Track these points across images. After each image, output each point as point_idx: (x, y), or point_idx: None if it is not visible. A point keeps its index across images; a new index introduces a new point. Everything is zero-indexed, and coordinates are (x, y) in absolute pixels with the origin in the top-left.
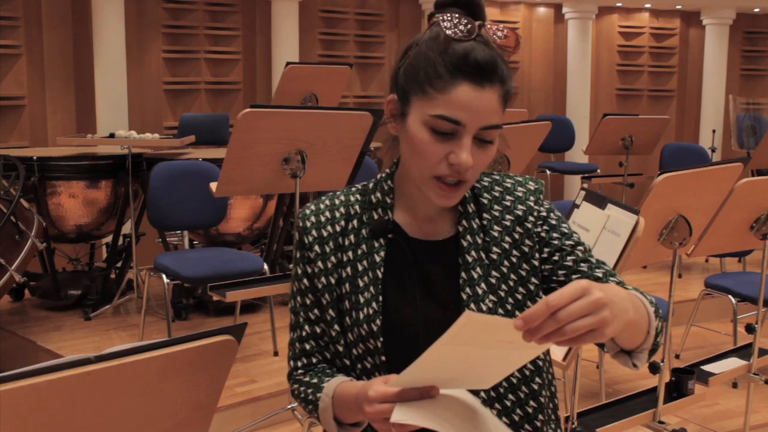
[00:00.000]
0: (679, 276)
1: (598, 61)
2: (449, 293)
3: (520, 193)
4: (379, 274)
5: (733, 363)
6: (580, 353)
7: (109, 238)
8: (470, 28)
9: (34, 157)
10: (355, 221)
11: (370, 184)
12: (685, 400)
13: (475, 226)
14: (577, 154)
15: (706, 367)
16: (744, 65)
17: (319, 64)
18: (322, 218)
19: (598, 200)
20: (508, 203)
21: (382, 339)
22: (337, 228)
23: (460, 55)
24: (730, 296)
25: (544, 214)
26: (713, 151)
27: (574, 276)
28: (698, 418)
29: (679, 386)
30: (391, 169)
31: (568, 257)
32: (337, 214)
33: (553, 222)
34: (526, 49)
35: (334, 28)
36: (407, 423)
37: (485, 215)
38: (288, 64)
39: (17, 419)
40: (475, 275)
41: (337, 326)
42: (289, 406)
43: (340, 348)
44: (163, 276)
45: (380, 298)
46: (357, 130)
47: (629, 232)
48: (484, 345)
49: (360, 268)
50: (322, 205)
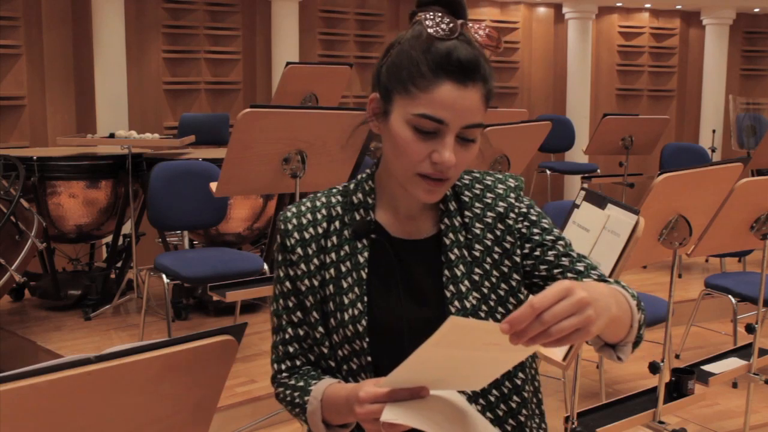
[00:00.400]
0: (679, 276)
1: (598, 61)
2: (433, 291)
3: (501, 190)
4: (363, 275)
5: (733, 363)
6: (580, 353)
7: (109, 238)
8: (452, 26)
9: (34, 157)
10: (337, 222)
11: (351, 185)
12: (685, 400)
13: (457, 224)
14: (577, 154)
15: (706, 367)
16: (744, 65)
17: (319, 64)
18: (304, 220)
19: (598, 200)
20: (489, 200)
21: (367, 339)
22: (319, 230)
23: (443, 54)
24: (730, 296)
25: (525, 210)
26: (713, 151)
27: (555, 270)
28: (698, 418)
29: (679, 386)
30: (372, 170)
31: (550, 252)
32: (319, 216)
33: (534, 218)
34: (526, 49)
35: (334, 28)
36: (397, 422)
37: (467, 213)
38: (288, 64)
39: (17, 419)
40: (458, 273)
41: (321, 328)
42: None
43: (325, 350)
44: (163, 276)
45: (365, 298)
46: (357, 130)
47: (629, 232)
48: (471, 347)
49: (343, 269)
50: (303, 207)
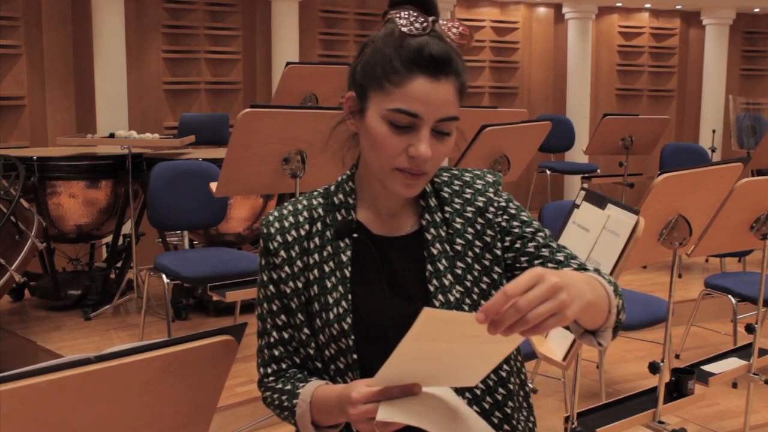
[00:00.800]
0: (679, 276)
1: (598, 61)
2: (416, 286)
3: (480, 186)
4: (347, 273)
5: (733, 363)
6: (580, 353)
7: (109, 238)
8: (424, 23)
9: (34, 157)
10: (319, 224)
11: (332, 187)
12: (685, 400)
13: (438, 220)
14: (577, 154)
15: (706, 367)
16: (744, 65)
17: (319, 64)
18: (286, 223)
19: (598, 200)
20: (469, 196)
21: (353, 337)
22: (302, 232)
23: (415, 49)
24: (730, 296)
25: (504, 204)
26: (713, 151)
27: (536, 261)
28: (698, 418)
29: (679, 386)
30: (352, 171)
31: (530, 244)
32: (301, 219)
33: (513, 211)
34: (526, 49)
35: (334, 28)
36: (392, 421)
37: (447, 208)
38: (288, 64)
39: (17, 419)
40: (441, 267)
41: (307, 329)
42: None
43: (311, 351)
44: (163, 276)
45: (349, 296)
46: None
47: (629, 232)
48: (451, 340)
49: (327, 269)
50: (285, 211)
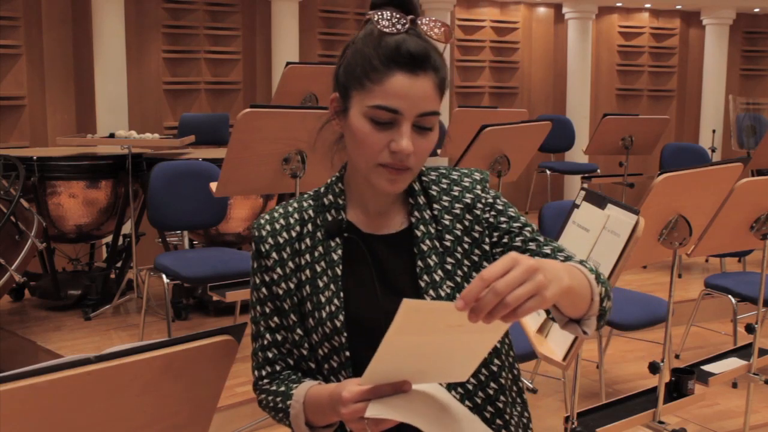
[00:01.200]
0: (679, 276)
1: (598, 61)
2: (408, 283)
3: (467, 183)
4: (338, 272)
5: (733, 363)
6: (580, 353)
7: (109, 238)
8: (402, 22)
9: (34, 157)
10: (310, 225)
11: (322, 189)
12: (685, 400)
13: (427, 217)
14: (577, 154)
15: (706, 367)
16: (744, 65)
17: (319, 64)
18: (277, 226)
19: (598, 200)
20: (456, 193)
21: (345, 334)
22: (293, 233)
23: (393, 47)
24: (730, 296)
25: (491, 200)
26: (713, 151)
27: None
28: (698, 418)
29: (679, 386)
30: (341, 172)
31: (517, 238)
32: (292, 221)
33: (500, 207)
34: (526, 49)
35: (334, 28)
36: (381, 417)
37: (435, 206)
38: (288, 64)
39: (17, 419)
40: (431, 263)
41: (300, 330)
42: None
43: (305, 351)
44: (163, 276)
45: (341, 294)
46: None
47: (629, 232)
48: (435, 332)
49: (318, 269)
50: (276, 214)
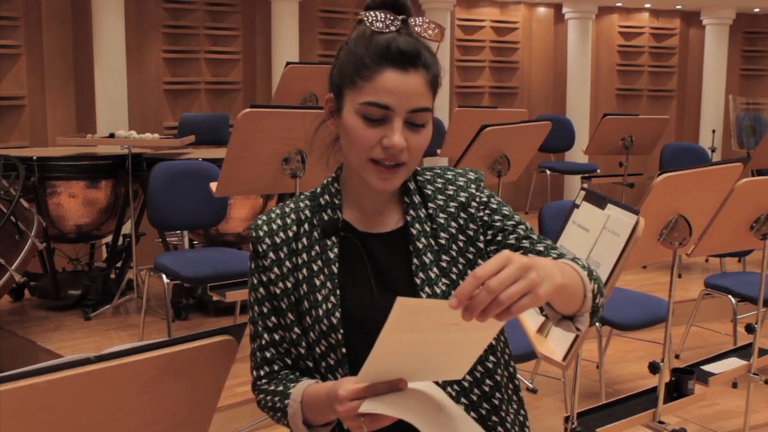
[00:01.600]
0: (679, 276)
1: (598, 61)
2: (403, 280)
3: (462, 182)
4: (335, 270)
5: (733, 363)
6: (580, 353)
7: (109, 238)
8: (393, 21)
9: (34, 157)
10: (307, 225)
11: (318, 189)
12: (685, 400)
13: (422, 215)
14: (577, 154)
15: (706, 367)
16: (744, 65)
17: (319, 64)
18: (274, 226)
19: (598, 200)
20: (451, 192)
21: (342, 332)
22: (290, 233)
23: (383, 45)
24: (730, 296)
25: (485, 199)
26: (713, 151)
27: (518, 252)
28: (698, 418)
29: (679, 386)
30: (337, 173)
31: (511, 236)
32: (289, 221)
33: (494, 206)
34: (526, 49)
35: (334, 28)
36: (376, 413)
37: (430, 204)
38: (288, 64)
39: (17, 419)
40: (427, 260)
41: (297, 329)
42: None
43: (302, 350)
44: (163, 276)
45: (337, 292)
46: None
47: (629, 232)
48: (429, 330)
49: (315, 268)
50: (273, 215)
